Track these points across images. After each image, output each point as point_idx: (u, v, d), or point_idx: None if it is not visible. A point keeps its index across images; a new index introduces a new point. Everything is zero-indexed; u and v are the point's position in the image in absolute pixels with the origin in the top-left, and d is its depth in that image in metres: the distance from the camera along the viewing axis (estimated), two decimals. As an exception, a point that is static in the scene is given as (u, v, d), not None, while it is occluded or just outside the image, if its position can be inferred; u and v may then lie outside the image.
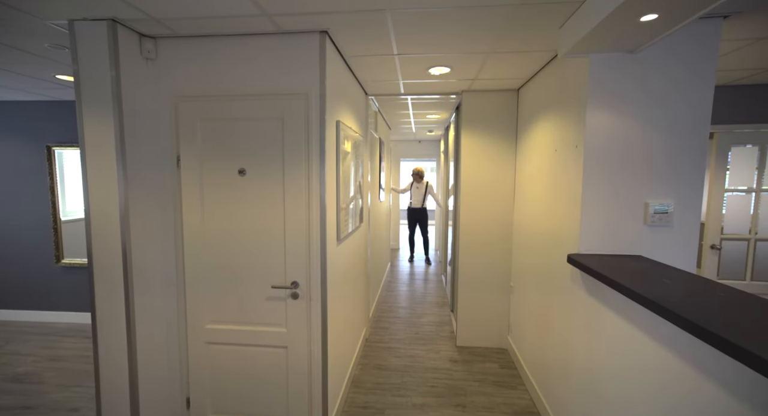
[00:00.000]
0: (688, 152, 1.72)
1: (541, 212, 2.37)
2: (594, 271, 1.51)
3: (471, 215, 3.11)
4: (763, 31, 1.79)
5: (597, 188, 1.79)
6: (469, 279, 3.15)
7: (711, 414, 1.00)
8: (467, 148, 3.09)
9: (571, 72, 1.93)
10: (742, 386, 0.91)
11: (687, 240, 1.75)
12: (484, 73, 2.54)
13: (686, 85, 1.69)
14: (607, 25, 1.42)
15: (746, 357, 0.81)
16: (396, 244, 7.48)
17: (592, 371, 1.68)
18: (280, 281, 1.86)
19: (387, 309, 4.02)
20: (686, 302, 1.10)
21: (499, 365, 2.82)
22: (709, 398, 1.00)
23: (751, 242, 2.96)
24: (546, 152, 2.30)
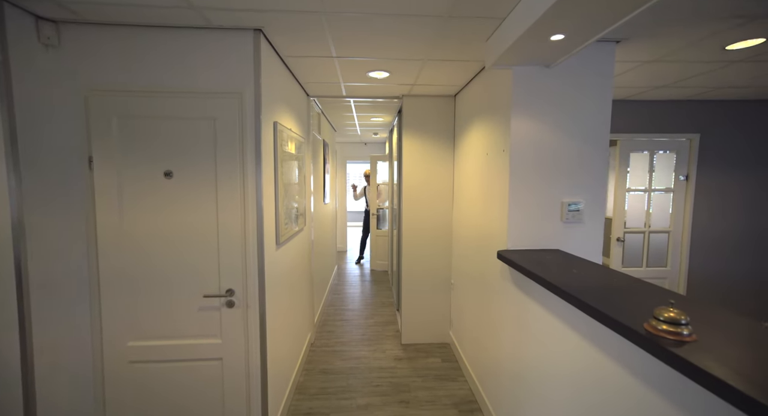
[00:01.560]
0: (594, 157, 1.95)
1: (476, 212, 2.53)
2: (517, 265, 1.65)
3: (413, 215, 3.21)
4: (647, 55, 2.10)
5: (521, 189, 1.95)
6: (413, 278, 3.25)
7: (609, 382, 1.15)
8: (409, 151, 3.18)
9: (498, 82, 2.09)
10: (624, 355, 1.06)
11: (594, 234, 1.99)
12: (422, 79, 2.65)
13: (591, 97, 1.92)
14: (524, 41, 1.57)
15: (621, 329, 0.95)
16: (343, 246, 7.44)
17: (518, 356, 1.83)
18: (213, 289, 1.76)
19: (333, 312, 3.99)
20: (586, 289, 1.25)
21: (441, 359, 2.95)
22: (607, 369, 1.15)
23: (646, 234, 3.44)
24: (479, 155, 2.46)
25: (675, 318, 0.88)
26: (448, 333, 3.28)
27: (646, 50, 2.03)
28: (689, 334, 0.87)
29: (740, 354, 0.81)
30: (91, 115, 1.64)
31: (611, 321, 1.01)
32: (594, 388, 1.22)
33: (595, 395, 1.21)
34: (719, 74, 2.46)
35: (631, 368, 1.05)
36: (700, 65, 2.27)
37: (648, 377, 0.98)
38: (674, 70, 2.38)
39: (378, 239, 5.72)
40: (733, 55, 2.07)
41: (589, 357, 1.24)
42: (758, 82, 2.69)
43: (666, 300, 0.98)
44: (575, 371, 1.33)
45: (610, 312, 1.04)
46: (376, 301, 4.38)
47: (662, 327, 0.89)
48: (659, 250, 3.50)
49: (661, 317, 0.90)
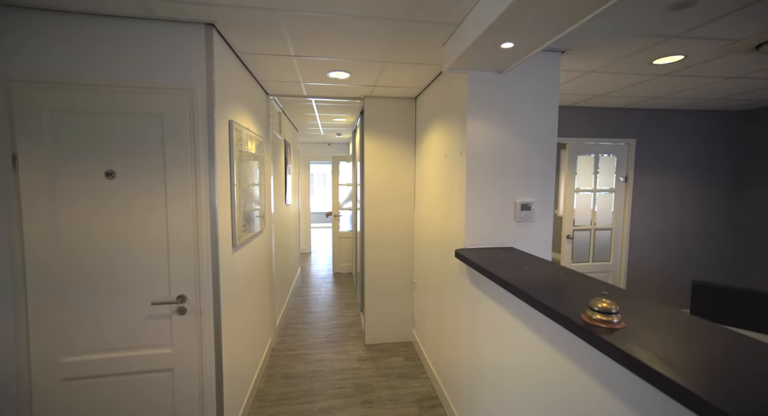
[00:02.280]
0: (543, 159, 2.08)
1: (436, 212, 2.59)
2: (473, 263, 1.71)
3: (376, 216, 3.23)
4: (588, 66, 2.27)
5: (478, 190, 2.03)
6: (376, 279, 3.27)
7: (556, 371, 1.22)
8: (371, 152, 3.20)
9: (455, 85, 2.16)
10: (566, 344, 1.14)
11: (544, 232, 2.11)
12: (383, 81, 2.67)
13: (540, 103, 2.04)
14: (477, 47, 1.63)
15: (562, 320, 1.02)
16: (307, 248, 7.32)
17: (475, 351, 1.90)
18: (163, 296, 1.66)
19: (296, 315, 3.91)
20: (534, 284, 1.33)
21: (404, 358, 2.99)
22: (553, 360, 1.23)
23: (592, 231, 3.71)
24: (439, 157, 2.52)
25: (607, 308, 0.96)
26: (411, 332, 3.33)
27: (587, 61, 2.19)
28: (618, 322, 0.95)
29: (661, 338, 0.89)
30: (14, 109, 1.49)
31: (554, 313, 1.09)
32: (543, 378, 1.30)
33: (545, 384, 1.29)
34: (648, 86, 2.71)
35: (572, 356, 1.12)
36: (632, 77, 2.48)
37: (586, 364, 1.06)
38: (611, 81, 2.59)
39: (341, 242, 5.68)
40: (659, 69, 2.29)
41: (538, 349, 1.32)
42: (682, 95, 3.00)
43: (602, 292, 1.07)
44: (527, 362, 1.41)
45: (553, 305, 1.11)
46: (340, 303, 4.35)
47: (596, 316, 0.97)
48: (603, 246, 3.78)
49: (595, 307, 0.98)
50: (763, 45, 1.83)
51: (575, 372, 1.11)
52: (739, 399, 0.64)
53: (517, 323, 1.47)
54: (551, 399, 1.24)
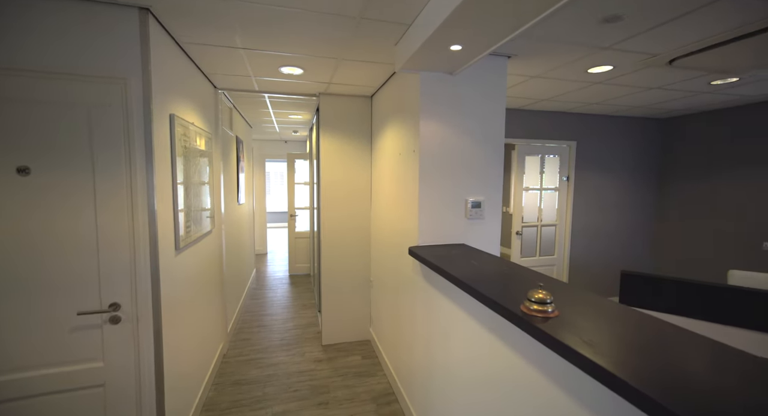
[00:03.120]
0: (492, 159, 2.17)
1: (391, 210, 2.62)
2: (425, 260, 1.75)
3: (332, 215, 3.20)
4: (532, 71, 2.41)
5: (431, 188, 2.08)
6: (333, 278, 3.23)
7: (501, 361, 1.28)
8: (327, 150, 3.16)
9: (408, 85, 2.19)
10: (508, 335, 1.20)
11: (493, 229, 2.21)
12: (338, 78, 2.64)
13: (489, 104, 2.13)
14: (427, 48, 1.67)
15: (503, 311, 1.07)
16: (263, 249, 7.07)
17: (428, 345, 1.94)
18: (92, 305, 1.52)
19: (250, 319, 3.76)
20: (480, 278, 1.39)
21: (362, 356, 2.99)
22: (499, 350, 1.29)
23: (538, 227, 3.95)
24: (393, 155, 2.55)
25: (542, 299, 1.03)
26: (368, 330, 3.34)
27: (531, 67, 2.32)
28: (552, 311, 1.02)
29: (588, 324, 0.97)
30: None
31: (496, 305, 1.14)
32: (492, 369, 1.36)
33: (493, 375, 1.35)
34: (586, 92, 2.94)
35: (515, 347, 1.19)
36: (572, 83, 2.68)
37: (526, 352, 1.13)
38: (553, 86, 2.77)
39: (297, 242, 5.55)
40: (594, 77, 2.49)
41: (486, 342, 1.38)
42: (614, 102, 3.29)
43: (545, 284, 1.14)
44: (476, 355, 1.46)
45: (495, 298, 1.16)
46: (296, 304, 4.25)
47: (533, 307, 1.03)
48: (549, 241, 4.05)
49: (532, 298, 1.04)
50: (675, 60, 2.06)
51: (518, 362, 1.17)
52: (650, 376, 0.71)
53: (466, 317, 1.53)
54: (499, 390, 1.30)
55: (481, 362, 1.41)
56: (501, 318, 1.25)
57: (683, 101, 3.28)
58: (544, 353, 1.04)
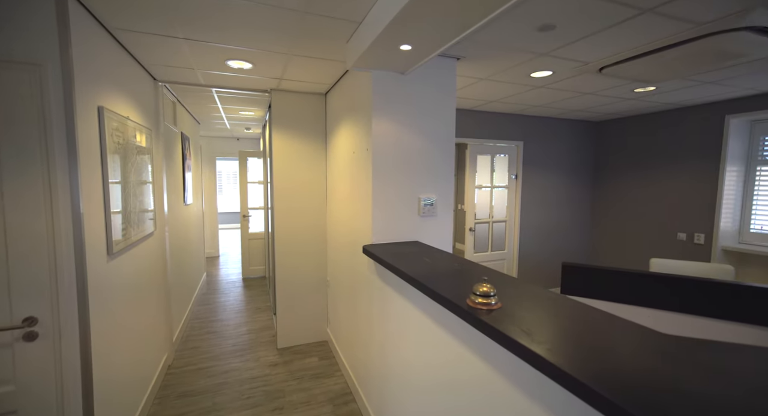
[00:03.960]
0: (443, 157, 2.23)
1: (346, 209, 2.60)
2: (378, 258, 1.76)
3: (287, 215, 3.11)
4: (481, 74, 2.51)
5: (384, 186, 2.09)
6: (289, 279, 3.15)
7: (451, 355, 1.32)
8: (280, 148, 3.06)
9: (361, 83, 2.19)
10: (457, 329, 1.24)
11: (446, 225, 2.28)
12: (290, 74, 2.57)
13: (439, 104, 2.19)
14: (377, 47, 1.67)
15: (451, 306, 1.11)
16: (215, 251, 6.71)
17: (383, 342, 1.96)
18: (0, 320, 1.34)
19: (199, 326, 3.56)
20: (431, 274, 1.42)
21: (318, 357, 2.94)
22: (449, 345, 1.33)
23: (490, 224, 4.14)
24: (347, 154, 2.53)
25: (486, 292, 1.08)
26: (326, 331, 3.30)
27: (480, 69, 2.42)
28: (495, 303, 1.07)
29: (528, 314, 1.03)
30: None
31: (445, 300, 1.17)
32: (443, 364, 1.39)
33: (445, 370, 1.39)
34: (530, 95, 3.12)
35: (464, 340, 1.23)
36: (517, 86, 2.83)
37: (472, 345, 1.17)
38: (501, 88, 2.91)
39: (251, 243, 5.34)
40: (536, 81, 2.65)
41: (438, 337, 1.41)
42: (555, 105, 3.53)
43: (492, 278, 1.19)
44: (429, 351, 1.50)
45: (444, 293, 1.20)
46: (250, 307, 4.09)
47: (478, 300, 1.08)
48: (500, 237, 4.25)
49: (477, 291, 1.08)
50: (604, 68, 2.25)
51: (468, 356, 1.21)
52: (580, 359, 0.77)
53: (419, 314, 1.56)
54: (452, 384, 1.34)
55: (434, 357, 1.44)
56: (451, 314, 1.29)
57: (613, 106, 3.60)
58: (490, 345, 1.09)
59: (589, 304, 2.37)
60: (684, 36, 1.75)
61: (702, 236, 3.52)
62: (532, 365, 0.81)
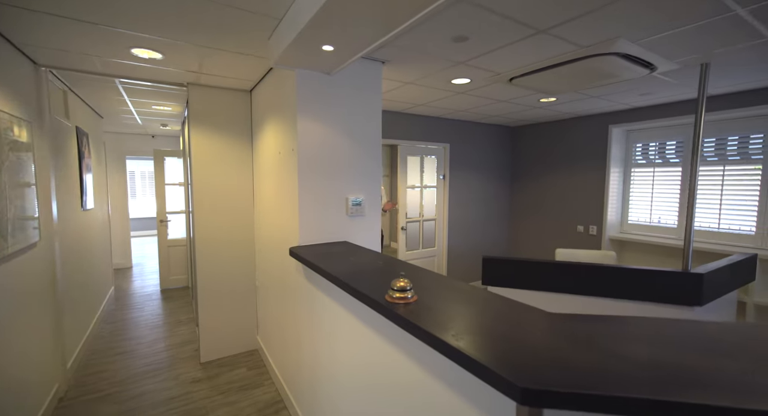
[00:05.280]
0: (370, 158, 2.27)
1: (274, 210, 2.51)
2: (304, 259, 1.74)
3: (210, 218, 2.90)
4: (406, 78, 2.61)
5: (310, 187, 2.06)
6: (213, 286, 2.93)
7: (376, 353, 1.35)
8: (201, 147, 2.84)
9: (286, 82, 2.13)
10: (380, 325, 1.28)
11: (374, 225, 2.32)
12: (210, 69, 2.40)
13: (366, 106, 2.22)
14: (298, 46, 1.65)
15: (371, 302, 1.14)
16: (126, 262, 5.97)
17: (313, 345, 1.93)
18: None
19: (104, 347, 3.14)
20: (354, 273, 1.44)
21: (247, 368, 2.79)
22: (374, 342, 1.36)
23: (420, 222, 4.32)
24: (274, 154, 2.44)
25: (403, 286, 1.12)
26: (255, 339, 3.14)
27: (405, 74, 2.52)
28: (412, 297, 1.12)
29: (442, 305, 1.10)
30: None
31: (365, 297, 1.20)
32: (371, 362, 1.41)
33: (373, 368, 1.41)
34: (453, 100, 3.33)
35: (387, 335, 1.27)
36: (440, 92, 3.00)
37: (395, 340, 1.21)
38: (425, 93, 3.06)
39: (171, 251, 4.86)
40: (456, 88, 2.85)
41: (364, 336, 1.43)
42: (475, 110, 3.82)
43: (411, 273, 1.24)
44: (357, 350, 1.51)
45: (364, 290, 1.22)
46: (170, 321, 3.72)
47: (396, 295, 1.12)
48: (430, 234, 4.46)
49: (395, 287, 1.13)
50: (514, 79, 2.50)
51: (391, 351, 1.25)
52: (486, 344, 0.84)
53: (346, 314, 1.56)
54: (382, 383, 1.36)
55: (362, 355, 1.46)
56: (373, 311, 1.32)
57: (524, 113, 4.01)
58: (411, 340, 1.14)
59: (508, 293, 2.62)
60: (571, 55, 2.03)
61: (595, 227, 4.09)
62: (440, 351, 0.87)
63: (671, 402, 0.57)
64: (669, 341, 0.80)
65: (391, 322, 1.16)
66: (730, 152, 3.21)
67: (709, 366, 0.67)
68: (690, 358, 0.71)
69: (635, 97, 3.21)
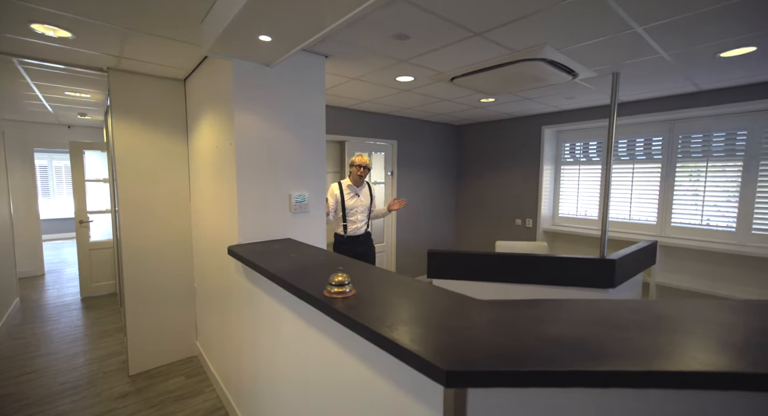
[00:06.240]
0: (314, 154, 2.23)
1: (212, 208, 2.36)
2: (243, 258, 1.66)
3: (138, 217, 2.65)
4: (351, 73, 2.60)
5: (250, 183, 1.97)
6: (144, 291, 2.69)
7: (317, 346, 1.34)
8: (125, 138, 2.58)
9: (223, 72, 2.01)
10: (319, 322, 1.27)
11: (319, 221, 2.29)
12: (132, 53, 2.18)
13: (309, 101, 2.17)
14: (232, 34, 1.56)
15: (310, 299, 1.13)
16: (36, 269, 5.25)
17: (255, 346, 1.86)
18: None
19: (9, 367, 2.74)
20: (295, 270, 1.41)
21: (186, 376, 2.61)
22: (315, 340, 1.34)
23: (369, 218, 4.35)
24: (211, 148, 2.30)
25: (341, 281, 1.12)
26: (194, 344, 2.95)
27: (350, 69, 2.50)
28: (350, 291, 1.13)
29: (380, 298, 1.12)
30: None
31: (303, 293, 1.18)
32: (314, 361, 1.39)
33: (317, 368, 1.39)
34: (398, 98, 3.38)
35: (326, 331, 1.26)
36: (385, 89, 3.03)
37: (336, 335, 1.21)
38: (371, 89, 3.07)
39: (94, 254, 4.37)
40: (401, 85, 2.89)
41: (302, 332, 1.41)
42: (421, 108, 3.91)
43: (350, 268, 1.24)
44: (299, 349, 1.48)
45: (303, 286, 1.20)
46: (94, 332, 3.35)
47: (334, 290, 1.12)
48: (379, 229, 4.50)
49: (333, 282, 1.12)
50: (455, 78, 2.60)
51: (331, 347, 1.24)
52: (422, 335, 0.87)
53: (285, 311, 1.53)
54: (325, 381, 1.35)
55: (306, 354, 1.43)
56: (312, 308, 1.30)
57: (467, 113, 4.20)
58: (346, 333, 1.14)
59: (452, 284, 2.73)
60: (505, 59, 2.16)
61: (531, 220, 4.43)
62: (374, 343, 0.88)
63: (567, 371, 0.64)
64: (576, 319, 0.89)
65: (330, 318, 1.16)
66: (638, 152, 3.66)
67: (602, 337, 0.77)
68: (588, 332, 0.80)
69: (562, 101, 3.52)
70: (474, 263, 2.78)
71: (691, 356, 0.70)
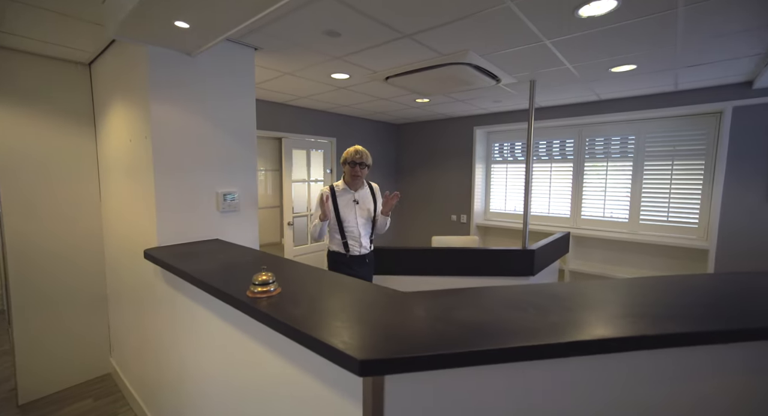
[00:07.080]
0: (245, 150, 2.12)
1: (127, 207, 2.13)
2: (161, 261, 1.53)
3: (30, 222, 2.29)
4: (284, 68, 2.52)
5: (170, 179, 1.82)
6: (38, 305, 2.34)
7: (242, 349, 1.28)
8: (11, 129, 2.21)
9: (136, 58, 1.82)
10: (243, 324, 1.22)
11: (251, 220, 2.19)
12: (19, 29, 1.88)
13: (238, 95, 2.06)
14: (142, 17, 1.42)
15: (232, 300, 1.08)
16: None
17: (177, 355, 1.72)
18: None
19: None
20: (220, 272, 1.34)
21: (94, 398, 2.33)
22: (243, 344, 1.28)
23: (308, 217, 4.26)
24: (124, 142, 2.07)
25: (265, 280, 1.09)
26: (108, 361, 2.64)
27: (282, 63, 2.42)
28: (274, 290, 1.10)
29: (305, 296, 1.10)
30: None
31: (224, 295, 1.12)
32: (240, 364, 1.32)
33: (242, 371, 1.32)
34: (334, 95, 3.36)
35: (251, 333, 1.21)
36: (321, 85, 2.99)
37: (259, 335, 1.17)
38: (306, 85, 3.00)
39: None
40: (337, 82, 2.88)
41: (228, 336, 1.33)
42: (358, 106, 3.93)
43: (275, 266, 1.20)
44: (223, 353, 1.40)
45: (225, 288, 1.14)
46: (-24, 358, 2.83)
47: (257, 289, 1.08)
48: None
49: (256, 281, 1.09)
50: (390, 78, 2.66)
51: (257, 349, 1.19)
52: (343, 329, 0.87)
53: (208, 314, 1.44)
54: (246, 383, 1.29)
55: (230, 359, 1.36)
56: (237, 310, 1.24)
57: (404, 112, 4.31)
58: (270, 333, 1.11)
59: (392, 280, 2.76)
60: (434, 61, 2.26)
61: (465, 216, 4.69)
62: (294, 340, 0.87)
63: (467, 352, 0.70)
64: (485, 304, 0.97)
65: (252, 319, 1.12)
66: (555, 153, 4.07)
67: (503, 318, 0.85)
68: (493, 315, 0.88)
69: (490, 104, 3.78)
70: (410, 259, 2.88)
71: (576, 328, 0.80)
